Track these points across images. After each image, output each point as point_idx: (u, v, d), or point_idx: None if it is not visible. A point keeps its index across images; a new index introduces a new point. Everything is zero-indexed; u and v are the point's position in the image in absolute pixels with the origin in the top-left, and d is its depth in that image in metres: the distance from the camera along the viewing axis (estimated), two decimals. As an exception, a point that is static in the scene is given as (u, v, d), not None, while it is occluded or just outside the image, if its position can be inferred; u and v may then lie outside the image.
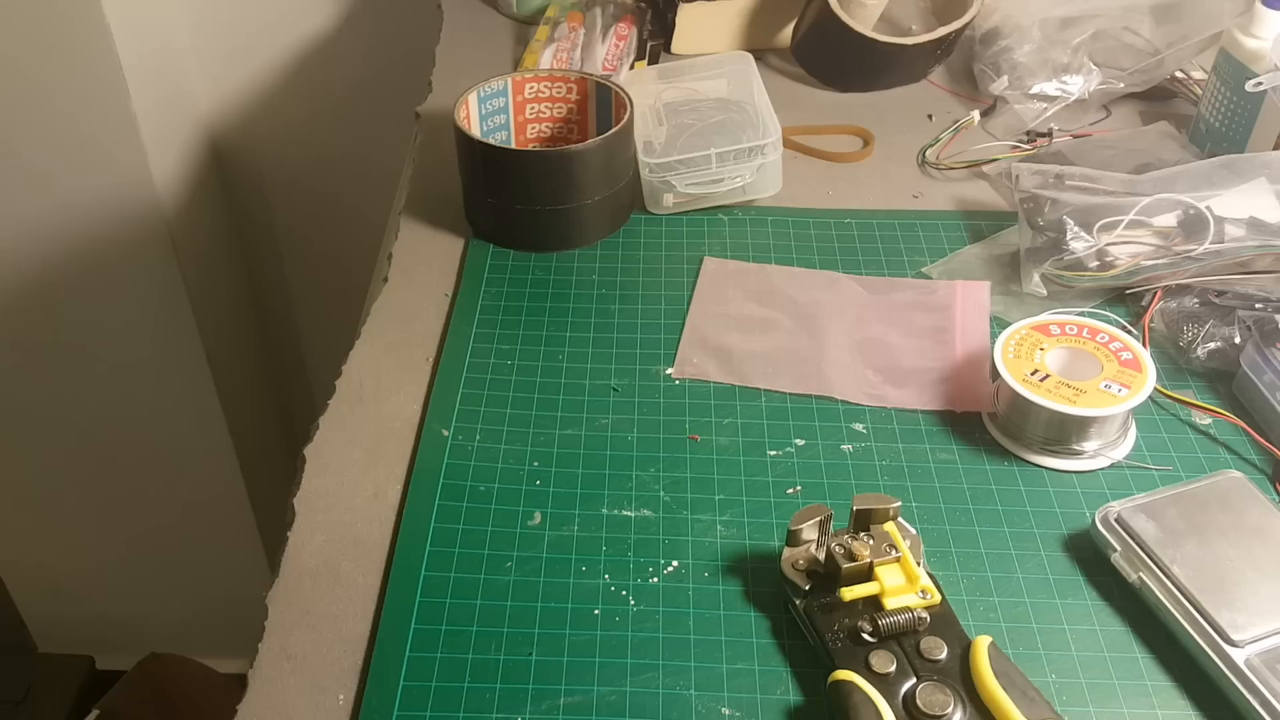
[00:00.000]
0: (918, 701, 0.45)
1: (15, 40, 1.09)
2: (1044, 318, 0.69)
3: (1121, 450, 0.65)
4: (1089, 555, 0.59)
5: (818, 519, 0.51)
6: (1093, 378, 0.64)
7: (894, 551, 0.49)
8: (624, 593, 0.57)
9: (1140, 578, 0.56)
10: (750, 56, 0.91)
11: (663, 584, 0.58)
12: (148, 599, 1.64)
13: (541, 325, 0.75)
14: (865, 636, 0.47)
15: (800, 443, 0.66)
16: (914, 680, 0.46)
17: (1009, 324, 0.69)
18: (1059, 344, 0.67)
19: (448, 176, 0.85)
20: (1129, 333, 0.68)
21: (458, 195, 0.84)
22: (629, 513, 0.61)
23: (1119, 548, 0.57)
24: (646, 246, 0.82)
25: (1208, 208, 0.74)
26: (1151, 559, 0.56)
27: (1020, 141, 0.92)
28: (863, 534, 0.49)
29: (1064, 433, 0.64)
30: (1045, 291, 0.75)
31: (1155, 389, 0.66)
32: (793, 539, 0.51)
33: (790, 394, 0.69)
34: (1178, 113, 0.97)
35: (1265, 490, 0.61)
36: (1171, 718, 0.52)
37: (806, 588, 0.49)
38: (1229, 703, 0.52)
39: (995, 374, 0.66)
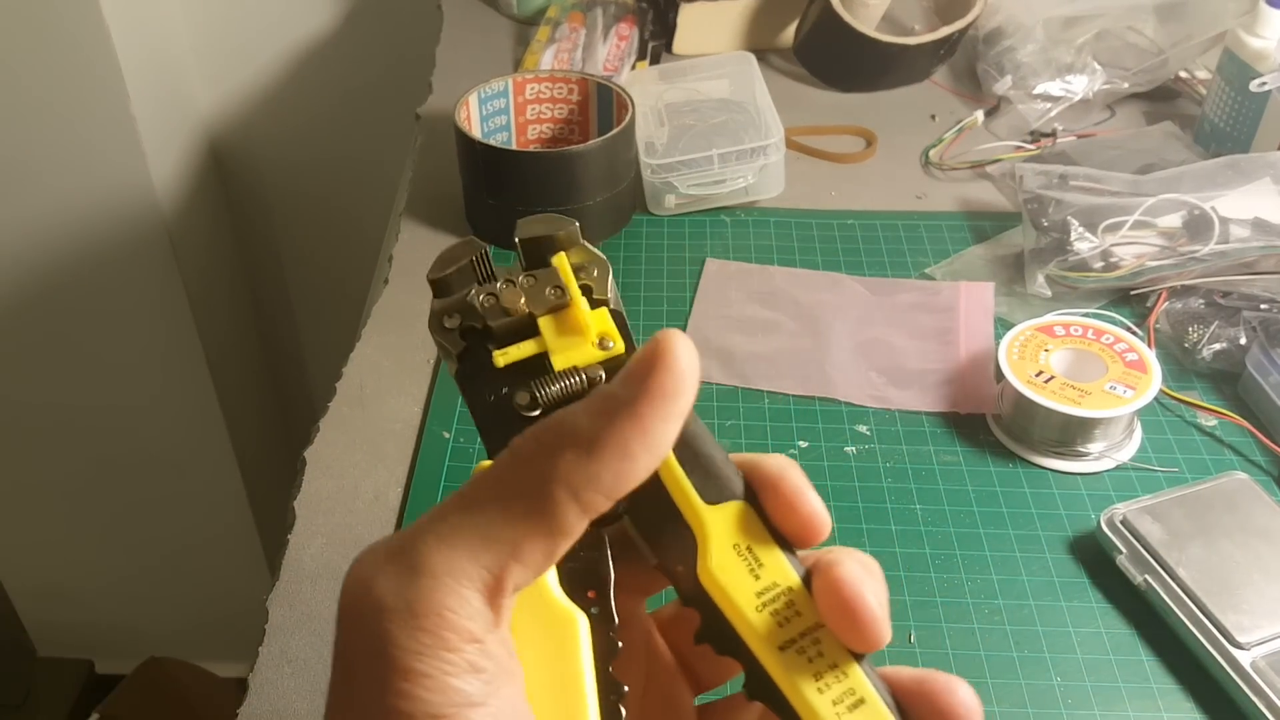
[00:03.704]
0: None
1: (14, 42, 1.09)
2: (1048, 319, 0.68)
3: (1126, 452, 0.65)
4: (1094, 557, 0.59)
5: (470, 258, 0.37)
6: (1098, 379, 0.64)
7: (563, 294, 0.35)
8: (626, 596, 0.57)
9: (1146, 580, 0.55)
10: (752, 57, 0.91)
11: (665, 587, 0.57)
12: (147, 602, 1.64)
13: (543, 327, 0.74)
14: (523, 411, 0.35)
15: (804, 445, 0.65)
16: None
17: (1013, 325, 0.68)
18: (1063, 345, 0.66)
19: (448, 178, 0.85)
20: (1134, 334, 0.68)
21: (458, 196, 0.84)
22: (631, 515, 0.61)
23: (1124, 550, 0.57)
24: (648, 248, 0.82)
25: (1212, 208, 0.73)
26: (1157, 561, 0.55)
27: (1024, 142, 0.92)
28: (529, 276, 0.37)
29: (1069, 434, 0.63)
30: (1050, 292, 0.74)
31: (1160, 390, 0.65)
32: (441, 289, 0.37)
33: (793, 396, 0.69)
34: (1182, 113, 0.97)
35: (1271, 492, 0.60)
36: (1178, 721, 0.52)
37: (458, 351, 0.37)
38: (1235, 705, 0.51)
39: (999, 375, 0.65)
